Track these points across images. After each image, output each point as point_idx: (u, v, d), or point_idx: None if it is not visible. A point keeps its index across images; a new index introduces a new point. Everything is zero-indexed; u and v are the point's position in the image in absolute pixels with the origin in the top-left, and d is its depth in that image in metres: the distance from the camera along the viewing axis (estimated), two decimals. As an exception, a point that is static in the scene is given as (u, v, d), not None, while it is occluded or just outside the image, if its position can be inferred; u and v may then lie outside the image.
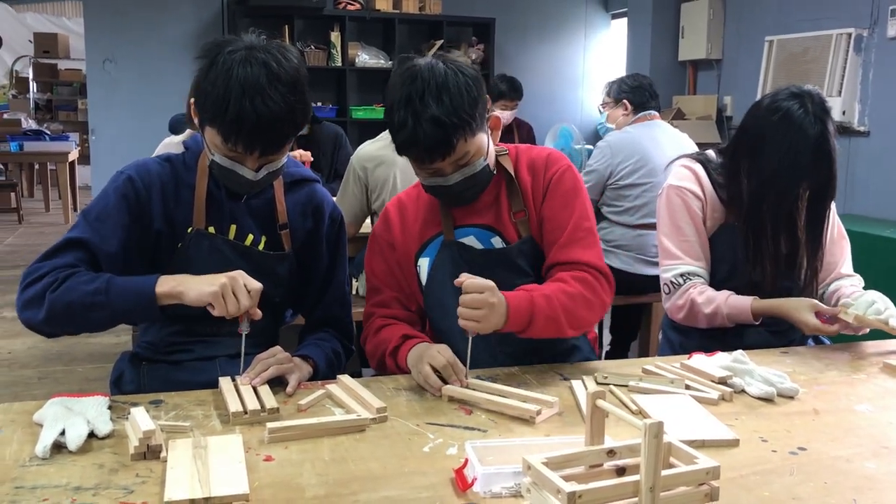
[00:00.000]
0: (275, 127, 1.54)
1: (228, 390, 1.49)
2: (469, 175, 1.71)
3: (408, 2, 7.09)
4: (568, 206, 1.78)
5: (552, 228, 1.78)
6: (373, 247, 1.90)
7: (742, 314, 1.98)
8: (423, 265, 1.84)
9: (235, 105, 1.50)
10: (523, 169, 1.83)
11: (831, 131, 1.93)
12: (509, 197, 1.81)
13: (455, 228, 1.81)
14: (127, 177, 1.67)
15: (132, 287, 1.52)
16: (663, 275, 2.09)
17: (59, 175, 8.56)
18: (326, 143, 4.44)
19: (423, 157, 1.67)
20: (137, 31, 6.74)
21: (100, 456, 1.25)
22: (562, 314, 1.66)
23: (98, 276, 1.54)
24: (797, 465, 1.27)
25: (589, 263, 1.75)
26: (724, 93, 6.37)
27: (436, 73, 1.64)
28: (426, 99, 1.61)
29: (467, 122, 1.63)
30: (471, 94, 1.64)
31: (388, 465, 1.25)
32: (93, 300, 1.51)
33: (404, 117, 1.63)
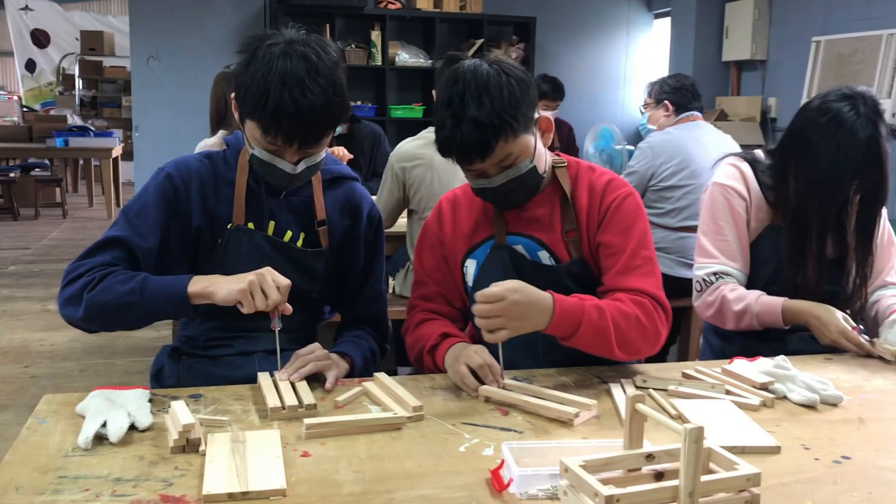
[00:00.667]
0: (314, 119, 1.55)
1: (267, 386, 1.50)
2: (514, 177, 1.68)
3: (448, 1, 7.09)
4: (626, 233, 1.73)
5: (609, 254, 1.73)
6: (423, 239, 1.90)
7: (772, 313, 1.94)
8: (470, 266, 1.82)
9: (275, 97, 1.51)
10: (582, 189, 1.78)
11: (884, 134, 1.89)
12: (563, 215, 1.77)
13: (506, 235, 1.79)
14: (166, 174, 1.69)
15: (165, 287, 1.54)
16: (696, 272, 2.07)
17: (102, 171, 8.72)
18: (365, 142, 4.46)
19: (462, 159, 1.66)
20: (181, 29, 6.83)
21: (140, 448, 1.27)
22: (612, 330, 1.60)
23: (133, 275, 1.56)
24: (841, 475, 1.24)
25: (647, 292, 1.68)
26: (768, 94, 6.27)
27: (478, 74, 1.63)
28: (466, 100, 1.61)
29: (508, 122, 1.61)
30: (513, 95, 1.62)
31: (423, 464, 1.25)
32: (128, 300, 1.53)
33: (444, 118, 1.63)
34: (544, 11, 7.42)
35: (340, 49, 7.03)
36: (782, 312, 1.93)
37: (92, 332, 1.65)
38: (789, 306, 1.93)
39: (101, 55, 12.59)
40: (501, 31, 7.52)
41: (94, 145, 8.77)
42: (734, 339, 2.09)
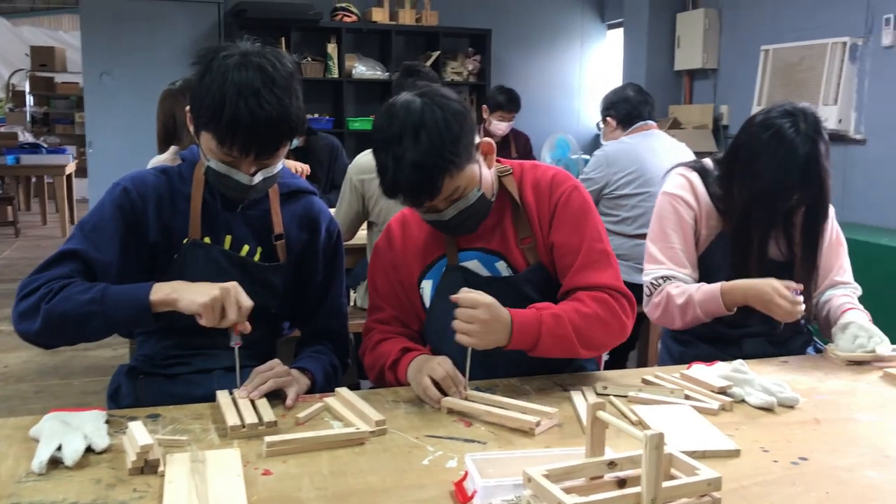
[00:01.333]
0: (270, 129, 1.54)
1: (226, 404, 1.48)
2: (464, 208, 1.67)
3: (404, 13, 7.11)
4: (578, 229, 1.73)
5: (564, 254, 1.73)
6: (375, 263, 1.88)
7: (713, 299, 1.96)
8: (426, 287, 1.81)
9: (231, 107, 1.50)
10: (528, 190, 1.77)
11: (823, 151, 1.93)
12: (515, 222, 1.76)
13: (458, 251, 1.78)
14: (122, 188, 1.67)
15: (127, 295, 1.52)
16: (645, 278, 2.09)
17: (56, 188, 8.55)
18: (322, 155, 4.44)
19: (409, 201, 1.64)
20: (134, 44, 6.75)
21: (97, 471, 1.25)
22: (573, 333, 1.61)
23: (93, 285, 1.53)
24: (799, 476, 1.26)
25: (607, 285, 1.68)
26: (720, 102, 6.39)
27: (411, 111, 1.58)
28: (404, 142, 1.57)
29: (449, 160, 1.57)
30: (451, 131, 1.58)
31: (387, 479, 1.24)
32: (88, 309, 1.50)
33: (384, 162, 1.60)
34: (499, 23, 7.48)
35: (296, 61, 7.01)
36: (721, 295, 1.95)
37: (49, 346, 1.61)
38: (727, 287, 1.96)
39: (53, 71, 12.37)
40: (457, 42, 7.56)
41: (47, 162, 8.59)
42: (692, 344, 2.12)
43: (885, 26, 4.83)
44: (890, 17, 4.79)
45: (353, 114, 7.20)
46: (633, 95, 3.72)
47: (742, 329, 2.07)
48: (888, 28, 4.80)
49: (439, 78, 3.33)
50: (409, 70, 3.30)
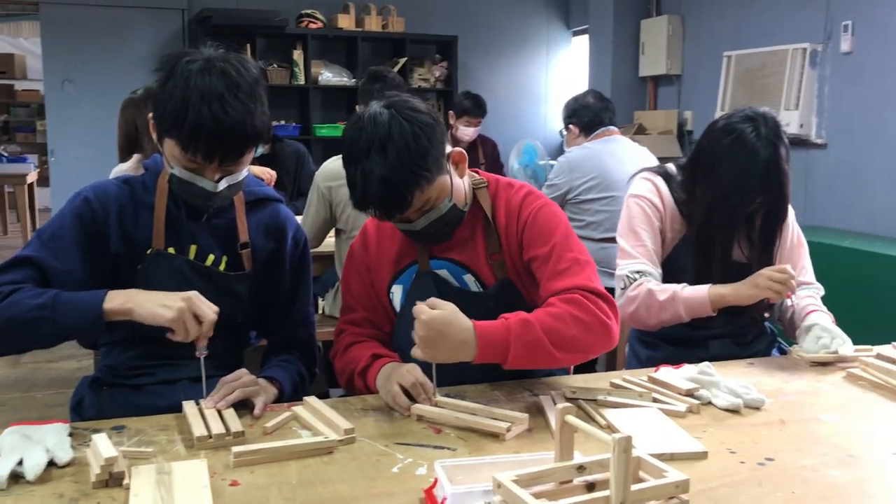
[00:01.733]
0: (234, 134, 1.52)
1: (192, 414, 1.47)
2: (435, 218, 1.66)
3: (370, 20, 7.10)
4: (547, 242, 1.71)
5: (537, 266, 1.72)
6: (350, 264, 1.87)
7: (699, 298, 1.97)
8: (396, 293, 1.81)
9: (194, 112, 1.49)
10: (501, 209, 1.77)
11: (783, 155, 1.96)
12: (486, 237, 1.76)
13: (430, 259, 1.78)
14: (83, 198, 1.64)
15: (79, 303, 1.48)
16: (619, 272, 2.09)
17: (17, 197, 8.40)
18: (289, 162, 4.42)
19: (380, 215, 1.64)
20: (97, 51, 6.65)
21: (60, 485, 1.22)
22: (545, 338, 1.54)
23: (45, 291, 1.50)
24: (765, 476, 1.28)
25: (578, 286, 1.63)
26: (684, 107, 6.46)
27: (379, 124, 1.57)
28: (372, 155, 1.55)
29: (419, 174, 1.57)
30: (419, 144, 1.57)
31: (356, 487, 1.23)
32: (37, 315, 1.46)
33: (353, 176, 1.59)
34: (466, 30, 7.50)
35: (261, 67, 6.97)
36: (709, 299, 1.97)
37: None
38: (715, 293, 1.97)
39: (13, 78, 12.17)
40: (424, 49, 7.57)
41: (8, 171, 8.44)
42: (659, 347, 2.14)
43: (843, 33, 4.92)
44: (848, 24, 4.88)
45: (319, 120, 7.17)
46: (594, 102, 3.75)
47: (708, 330, 2.09)
48: (846, 34, 4.90)
49: (406, 83, 3.33)
50: (375, 76, 3.29)
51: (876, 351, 1.85)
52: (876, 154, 4.75)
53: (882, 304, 3.84)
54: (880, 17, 4.70)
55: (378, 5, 7.15)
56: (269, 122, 1.61)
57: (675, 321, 2.01)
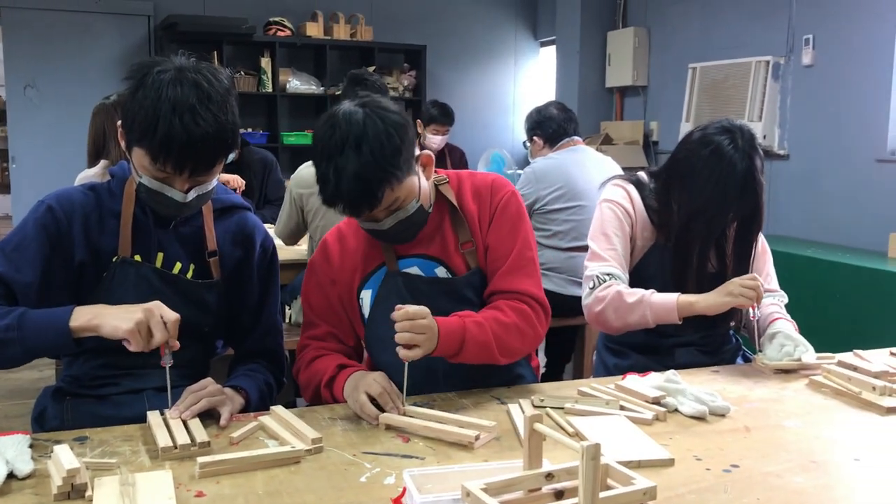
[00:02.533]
0: (205, 146, 1.51)
1: (157, 425, 1.45)
2: (403, 218, 1.67)
3: (339, 28, 7.09)
4: (512, 234, 1.77)
5: (496, 257, 1.77)
6: (310, 278, 1.86)
7: (667, 304, 1.96)
8: (365, 297, 1.80)
9: (165, 124, 1.47)
10: (468, 197, 1.80)
11: (758, 167, 2.00)
12: (455, 228, 1.78)
13: (398, 259, 1.78)
14: (47, 206, 1.61)
15: (46, 321, 1.46)
16: (588, 272, 2.08)
17: (-24, 204, 8.26)
18: (256, 169, 4.40)
19: (349, 211, 1.64)
20: (60, 56, 6.56)
21: (20, 498, 1.20)
22: (493, 341, 1.66)
23: (10, 310, 1.47)
24: (731, 483, 1.29)
25: (528, 293, 1.74)
26: (650, 118, 6.53)
27: (353, 122, 1.58)
28: (346, 152, 1.56)
29: (391, 172, 1.58)
30: (392, 143, 1.58)
31: (324, 497, 1.22)
32: (4, 336, 1.44)
33: (325, 172, 1.59)
34: (434, 40, 7.52)
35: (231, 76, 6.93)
36: (678, 307, 1.96)
37: None
38: (684, 301, 1.96)
39: (-27, 83, 11.96)
40: (392, 58, 7.58)
41: (-34, 178, 8.31)
42: (626, 355, 2.15)
43: (805, 46, 5.01)
44: (810, 38, 4.98)
45: (287, 128, 7.14)
46: (557, 114, 3.77)
47: (674, 338, 2.11)
48: (808, 48, 4.99)
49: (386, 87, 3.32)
50: (356, 79, 3.28)
51: (837, 358, 1.88)
52: (836, 165, 4.84)
53: (843, 312, 3.91)
54: (841, 32, 4.80)
55: (347, 14, 7.15)
56: (238, 132, 1.60)
57: (641, 326, 2.01)
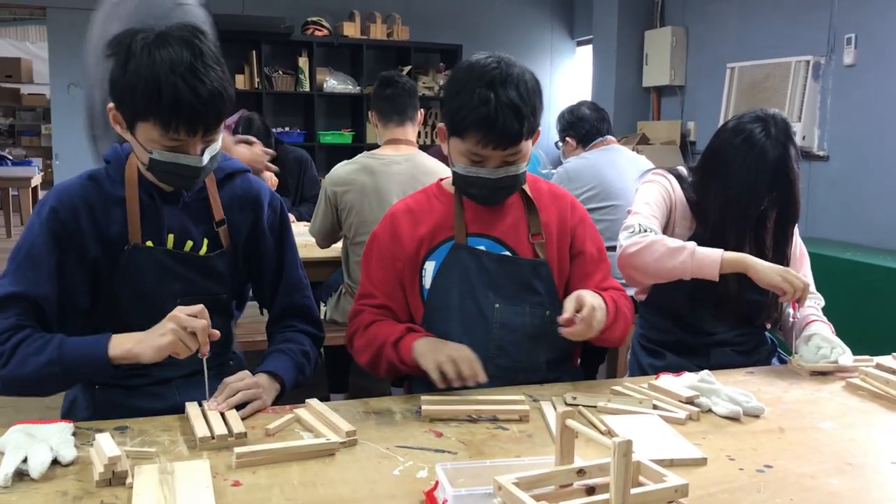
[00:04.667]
0: (213, 101, 1.48)
1: (195, 415, 1.47)
2: (511, 174, 1.74)
3: (375, 28, 7.13)
4: (596, 244, 1.90)
5: (588, 262, 1.88)
6: (371, 251, 1.88)
7: (711, 254, 1.91)
8: (428, 268, 1.82)
9: (169, 87, 1.44)
10: (545, 197, 1.87)
11: (793, 155, 1.98)
12: (528, 218, 1.83)
13: (467, 236, 1.81)
14: (49, 208, 1.58)
15: (84, 355, 1.49)
16: (628, 222, 2.05)
17: (21, 200, 8.44)
18: (292, 167, 4.45)
19: (489, 140, 1.68)
20: (103, 55, 6.69)
21: (63, 483, 1.23)
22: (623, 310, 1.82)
23: (47, 342, 1.49)
24: (764, 483, 1.28)
25: (618, 289, 1.88)
26: (687, 118, 6.48)
27: (512, 66, 1.71)
28: (507, 85, 1.67)
29: (536, 117, 1.71)
30: (540, 97, 1.73)
31: (357, 489, 1.24)
32: (48, 371, 1.47)
33: (486, 95, 1.66)
34: (470, 39, 7.53)
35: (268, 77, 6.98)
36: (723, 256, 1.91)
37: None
38: (731, 253, 1.93)
39: (19, 82, 12.22)
40: (428, 58, 7.60)
41: (12, 174, 8.49)
42: (660, 355, 2.14)
43: (846, 46, 4.94)
44: (852, 37, 4.90)
45: (324, 127, 7.20)
46: (589, 114, 3.75)
47: (709, 337, 2.10)
48: (850, 47, 4.92)
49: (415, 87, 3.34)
50: (387, 81, 3.30)
51: (875, 361, 1.86)
52: (877, 167, 4.76)
53: (881, 315, 3.85)
54: (883, 31, 4.72)
55: (383, 14, 7.19)
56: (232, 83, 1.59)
57: (675, 274, 1.94)
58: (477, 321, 1.77)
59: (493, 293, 1.77)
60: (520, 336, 1.78)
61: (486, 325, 1.77)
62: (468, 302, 1.78)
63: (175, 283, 1.64)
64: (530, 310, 1.79)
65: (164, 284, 1.63)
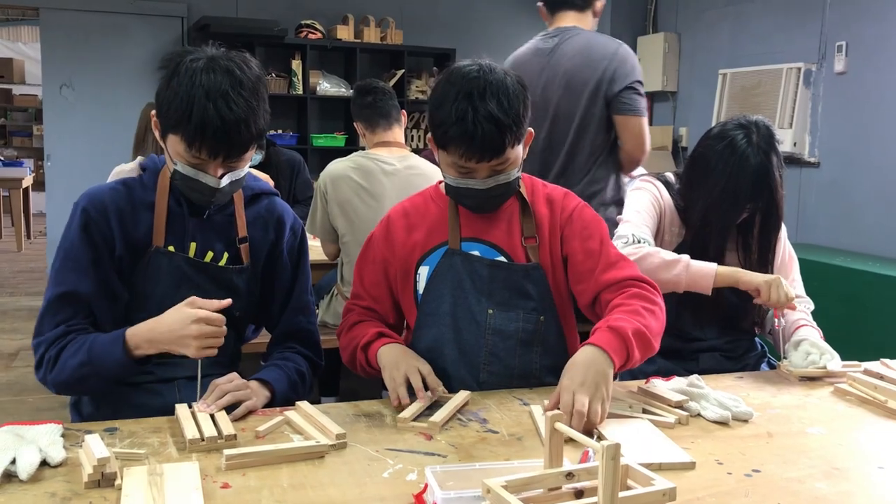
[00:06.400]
0: (238, 131, 1.55)
1: (185, 417, 1.47)
2: (502, 183, 1.72)
3: (369, 31, 7.13)
4: (595, 237, 1.79)
5: (584, 259, 1.77)
6: (367, 252, 1.89)
7: (705, 268, 1.95)
8: (422, 273, 1.83)
9: (199, 109, 1.51)
10: (540, 201, 1.83)
11: (775, 163, 2.00)
12: (522, 222, 1.81)
13: (461, 240, 1.81)
14: (82, 209, 1.67)
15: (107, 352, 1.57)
16: (620, 231, 2.05)
17: (12, 201, 8.41)
18: (284, 169, 4.45)
19: (471, 154, 1.66)
20: (96, 56, 6.66)
21: (52, 484, 1.23)
22: (641, 326, 1.59)
23: (82, 344, 1.58)
24: (752, 487, 1.29)
25: (632, 277, 1.72)
26: (679, 124, 6.51)
27: (496, 74, 1.67)
28: (487, 96, 1.63)
29: (519, 126, 1.67)
30: (524, 103, 1.69)
31: (347, 492, 1.24)
32: (81, 373, 1.57)
33: (464, 109, 1.63)
34: (463, 43, 7.53)
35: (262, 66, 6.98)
36: (717, 271, 1.95)
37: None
38: (725, 268, 1.96)
39: (11, 83, 12.19)
40: (422, 62, 7.60)
41: (3, 175, 8.47)
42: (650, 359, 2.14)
43: (837, 53, 4.97)
44: (842, 45, 4.93)
45: (317, 130, 7.19)
46: None
47: (698, 343, 2.10)
48: (840, 55, 4.95)
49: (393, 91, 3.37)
50: (366, 89, 3.31)
51: (863, 367, 1.87)
52: (867, 173, 4.79)
53: (871, 321, 3.87)
54: (874, 38, 4.75)
55: (377, 17, 7.19)
56: (268, 118, 1.65)
57: (669, 287, 1.97)
58: (469, 327, 1.78)
59: (486, 299, 1.77)
60: (513, 342, 1.78)
61: (479, 330, 1.77)
62: (461, 308, 1.78)
63: (190, 291, 1.66)
64: (524, 315, 1.79)
65: (179, 291, 1.66)
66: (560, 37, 2.85)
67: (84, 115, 6.68)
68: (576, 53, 2.78)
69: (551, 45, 2.85)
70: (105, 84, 6.68)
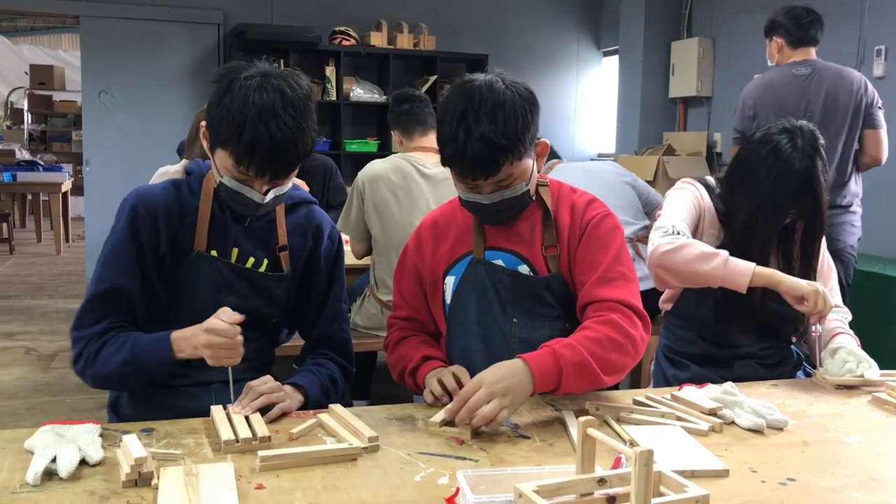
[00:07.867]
0: (287, 151, 1.58)
1: (220, 419, 1.49)
2: (508, 197, 1.72)
3: (402, 38, 7.17)
4: (603, 249, 1.76)
5: (585, 269, 1.76)
6: (402, 264, 1.93)
7: (743, 265, 1.91)
8: (449, 283, 1.84)
9: (251, 129, 1.54)
10: (564, 209, 1.82)
11: (819, 167, 1.97)
12: (544, 231, 1.81)
13: (485, 249, 1.82)
14: (130, 206, 1.70)
15: (153, 356, 1.61)
16: (660, 222, 2.03)
17: (51, 206, 8.57)
18: (317, 174, 4.48)
19: (466, 174, 1.68)
20: (134, 63, 6.78)
21: (91, 483, 1.25)
22: (591, 360, 1.58)
23: (125, 341, 1.62)
24: (786, 496, 1.28)
25: (620, 301, 1.68)
26: (714, 129, 6.45)
27: (494, 91, 1.64)
28: (480, 116, 1.62)
29: (517, 145, 1.64)
30: (525, 118, 1.65)
31: (379, 494, 1.25)
32: (124, 370, 1.61)
33: (455, 131, 1.64)
34: (496, 49, 7.55)
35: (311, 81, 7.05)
36: (755, 269, 1.91)
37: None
38: (762, 268, 1.93)
39: (52, 89, 12.44)
40: (454, 67, 7.62)
41: (43, 180, 8.63)
42: (684, 366, 2.14)
43: (876, 57, 4.89)
44: (882, 49, 4.86)
45: (350, 136, 7.24)
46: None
47: (734, 350, 2.08)
48: (879, 59, 4.87)
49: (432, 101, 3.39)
50: (403, 97, 3.34)
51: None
52: (908, 179, 4.70)
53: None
54: (914, 43, 4.67)
55: (410, 24, 7.22)
56: (315, 137, 1.68)
57: (705, 280, 1.94)
58: (496, 336, 1.79)
59: (511, 307, 1.78)
60: None
61: (505, 339, 1.78)
62: (486, 317, 1.79)
63: (230, 297, 1.70)
64: (549, 323, 1.79)
65: (219, 295, 1.70)
66: (812, 67, 3.79)
67: (122, 120, 6.80)
68: (833, 80, 3.68)
69: (806, 73, 3.77)
70: (142, 90, 6.80)
